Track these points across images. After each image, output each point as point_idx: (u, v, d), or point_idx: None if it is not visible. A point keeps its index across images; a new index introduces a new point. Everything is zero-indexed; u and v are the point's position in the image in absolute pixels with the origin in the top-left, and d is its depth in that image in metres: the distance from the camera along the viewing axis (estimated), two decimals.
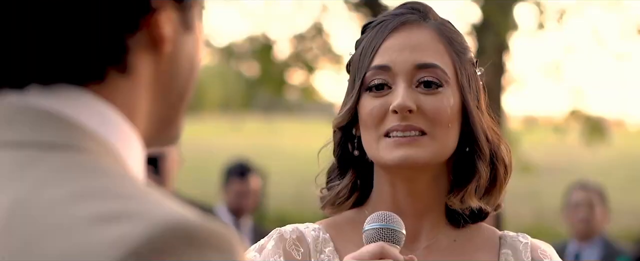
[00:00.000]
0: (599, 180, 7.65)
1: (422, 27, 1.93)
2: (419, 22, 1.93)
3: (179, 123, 1.17)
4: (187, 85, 1.16)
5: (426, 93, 1.89)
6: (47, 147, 1.04)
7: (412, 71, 1.90)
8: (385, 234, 1.81)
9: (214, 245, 0.97)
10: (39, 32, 1.06)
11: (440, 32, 1.93)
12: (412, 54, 1.90)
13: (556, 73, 11.73)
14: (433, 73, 1.89)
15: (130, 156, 1.09)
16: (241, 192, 6.53)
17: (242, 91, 13.85)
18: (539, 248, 1.99)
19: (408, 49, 1.90)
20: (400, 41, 1.91)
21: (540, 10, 11.08)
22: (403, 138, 1.87)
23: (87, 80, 1.08)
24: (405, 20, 1.93)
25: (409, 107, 1.86)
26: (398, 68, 1.89)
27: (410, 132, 1.87)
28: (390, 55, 1.90)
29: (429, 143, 1.87)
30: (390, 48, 1.91)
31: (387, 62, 1.90)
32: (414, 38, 1.91)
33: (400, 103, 1.86)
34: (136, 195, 1.00)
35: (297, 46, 11.72)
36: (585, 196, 6.43)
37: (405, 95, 1.87)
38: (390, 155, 1.87)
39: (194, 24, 1.15)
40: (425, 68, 1.89)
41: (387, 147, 1.87)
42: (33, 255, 0.97)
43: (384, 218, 1.83)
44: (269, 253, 1.92)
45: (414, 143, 1.87)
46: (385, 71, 1.90)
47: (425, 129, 1.87)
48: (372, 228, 1.82)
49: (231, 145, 18.57)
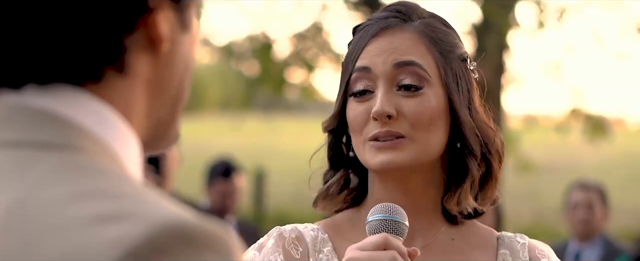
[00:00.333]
0: (599, 179, 7.64)
1: (403, 30, 1.94)
2: (400, 26, 1.95)
3: (177, 123, 1.17)
4: (183, 84, 1.16)
5: (407, 96, 1.90)
6: (44, 146, 1.04)
7: (391, 72, 1.91)
8: (388, 225, 1.82)
9: (211, 246, 0.98)
10: (36, 32, 1.06)
11: (422, 33, 1.94)
12: (390, 56, 1.92)
13: (556, 72, 11.74)
14: (412, 73, 1.91)
15: (127, 156, 1.09)
16: (225, 192, 6.46)
17: (242, 90, 13.87)
18: (536, 248, 2.00)
19: (387, 52, 1.93)
20: (380, 45, 1.93)
21: (540, 10, 11.08)
22: (383, 142, 1.89)
23: (84, 80, 1.08)
24: (387, 25, 1.95)
25: (387, 113, 1.88)
26: (378, 70, 1.91)
27: (390, 137, 1.89)
28: (370, 57, 1.93)
29: (409, 145, 1.89)
30: (371, 51, 1.93)
31: (367, 64, 1.92)
32: (395, 41, 1.93)
33: (378, 110, 1.89)
34: (134, 195, 1.00)
35: (297, 45, 11.73)
36: (584, 196, 6.43)
37: (383, 100, 1.89)
38: (373, 160, 1.89)
39: (191, 23, 1.15)
40: (403, 66, 1.91)
41: (370, 151, 1.90)
42: (32, 255, 0.97)
43: (388, 210, 1.83)
44: (268, 251, 1.93)
45: (394, 148, 1.88)
46: (366, 73, 1.92)
47: (405, 133, 1.89)
48: (376, 219, 1.83)
49: (231, 144, 18.57)
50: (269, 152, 19.46)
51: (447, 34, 1.97)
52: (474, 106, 1.95)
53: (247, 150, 17.98)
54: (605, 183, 6.96)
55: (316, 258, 1.94)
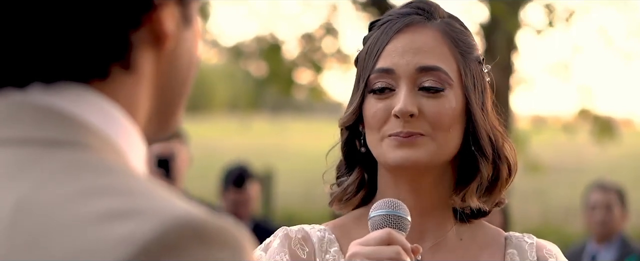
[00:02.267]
0: None
1: (426, 28, 1.94)
2: (423, 23, 1.94)
3: (178, 116, 1.17)
4: (187, 79, 1.16)
5: (428, 96, 1.90)
6: (51, 144, 1.04)
7: (414, 74, 1.91)
8: (391, 221, 1.81)
9: (223, 242, 0.97)
10: (42, 30, 1.06)
11: (445, 33, 1.94)
12: (414, 57, 1.91)
13: (564, 72, 11.72)
14: (435, 77, 1.90)
15: (133, 153, 1.09)
16: (238, 201, 6.43)
17: (250, 91, 13.86)
18: (544, 248, 2.00)
19: (411, 52, 1.91)
20: (403, 43, 1.92)
21: (549, 10, 11.06)
22: (404, 138, 1.88)
23: (90, 78, 1.07)
24: (410, 22, 1.94)
25: (410, 112, 1.88)
26: (401, 71, 1.91)
27: (411, 137, 1.88)
28: (393, 58, 1.92)
29: (428, 143, 1.89)
30: (394, 51, 1.92)
31: (390, 65, 1.91)
32: (418, 40, 1.92)
33: (401, 109, 1.88)
34: (143, 192, 1.00)
35: (305, 46, 11.71)
36: (603, 197, 6.38)
37: (407, 99, 1.88)
38: (392, 156, 1.89)
39: (194, 18, 1.15)
40: (427, 71, 1.90)
41: (389, 147, 1.89)
42: (41, 253, 0.96)
43: (391, 205, 1.83)
44: (275, 251, 1.93)
45: (413, 144, 1.88)
46: (389, 74, 1.91)
47: (425, 133, 1.89)
48: (379, 214, 1.83)
49: (239, 144, 18.58)
50: (277, 153, 19.46)
51: (467, 35, 1.98)
52: (486, 109, 1.95)
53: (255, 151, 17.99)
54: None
55: (323, 258, 1.93)
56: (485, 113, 1.94)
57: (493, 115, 1.97)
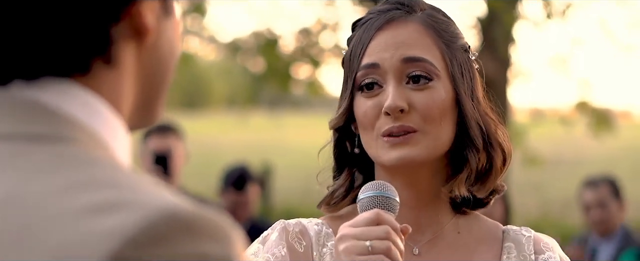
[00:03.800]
0: (607, 172, 7.60)
1: (407, 22, 1.93)
2: (404, 18, 1.94)
3: (161, 105, 1.17)
4: (169, 69, 1.16)
5: (416, 89, 1.89)
6: (37, 138, 1.04)
7: (400, 66, 1.90)
8: (380, 202, 1.82)
9: (210, 234, 0.97)
10: (22, 27, 1.06)
11: (427, 25, 1.93)
12: (398, 50, 1.91)
13: (563, 65, 11.71)
14: (421, 67, 1.90)
15: (117, 146, 1.09)
16: (237, 202, 6.43)
17: (248, 86, 13.86)
18: (541, 241, 2.00)
19: (394, 46, 1.91)
20: (386, 39, 1.92)
21: (547, 3, 11.06)
22: (397, 137, 1.88)
23: (72, 73, 1.07)
24: (391, 18, 1.94)
25: (400, 107, 1.87)
26: (387, 65, 1.90)
27: (403, 132, 1.88)
28: (377, 53, 1.91)
29: (421, 139, 1.88)
30: (377, 46, 1.92)
31: (375, 60, 1.91)
32: (400, 35, 1.92)
33: (390, 105, 1.87)
34: (129, 185, 1.00)
35: (302, 41, 11.71)
36: (595, 196, 6.24)
37: (395, 95, 1.88)
38: (387, 156, 1.88)
39: (173, 7, 1.15)
40: (412, 62, 1.90)
41: (384, 148, 1.89)
42: (28, 246, 0.96)
43: (379, 187, 1.83)
44: (272, 244, 1.93)
45: (407, 143, 1.88)
46: (375, 69, 1.91)
47: (417, 127, 1.88)
48: (367, 196, 1.83)
49: (237, 140, 18.59)
50: (275, 148, 19.46)
51: (449, 25, 1.97)
52: (476, 97, 1.95)
53: (253, 146, 18.00)
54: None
55: (320, 252, 1.93)
56: (475, 102, 1.94)
57: (485, 102, 1.97)
